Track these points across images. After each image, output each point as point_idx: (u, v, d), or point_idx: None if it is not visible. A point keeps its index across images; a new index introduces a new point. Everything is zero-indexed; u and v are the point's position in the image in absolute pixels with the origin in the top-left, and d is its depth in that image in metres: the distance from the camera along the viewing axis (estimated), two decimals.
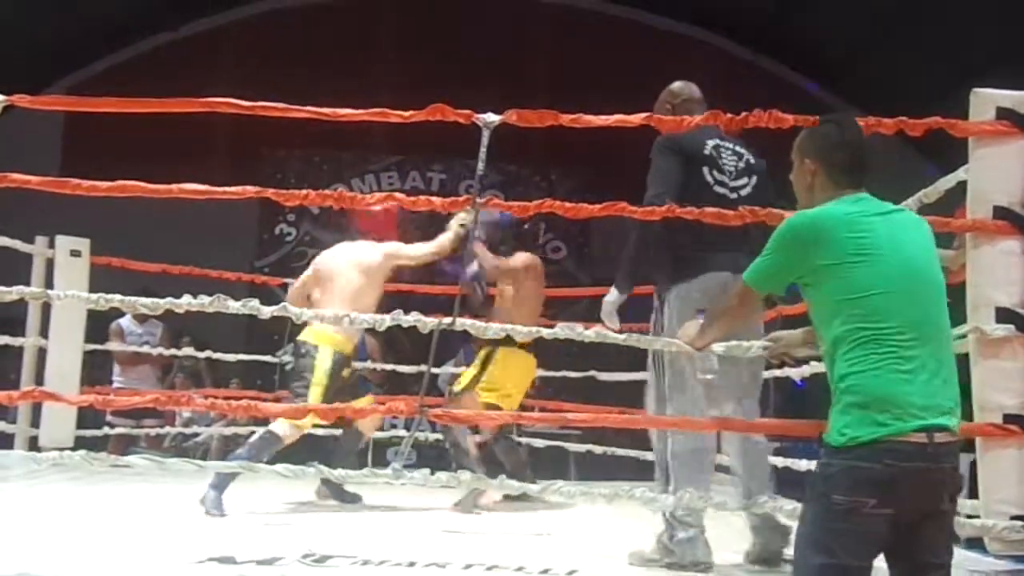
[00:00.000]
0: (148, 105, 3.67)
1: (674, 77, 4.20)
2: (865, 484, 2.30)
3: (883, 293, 2.41)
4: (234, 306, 3.32)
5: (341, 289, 5.17)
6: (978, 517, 3.33)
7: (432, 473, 3.46)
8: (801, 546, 2.41)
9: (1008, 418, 3.27)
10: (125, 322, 7.70)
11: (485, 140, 3.40)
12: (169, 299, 3.31)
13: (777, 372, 5.46)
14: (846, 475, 2.34)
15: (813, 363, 3.87)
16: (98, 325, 6.93)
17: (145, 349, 7.45)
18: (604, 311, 4.12)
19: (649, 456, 6.34)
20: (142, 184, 3.46)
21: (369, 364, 7.78)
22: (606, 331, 3.66)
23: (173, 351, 7.48)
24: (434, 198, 3.51)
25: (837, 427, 2.40)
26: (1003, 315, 3.29)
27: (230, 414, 7.25)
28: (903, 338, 2.38)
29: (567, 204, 3.47)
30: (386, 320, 3.38)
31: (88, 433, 7.05)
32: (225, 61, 11.01)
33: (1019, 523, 3.23)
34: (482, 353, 5.62)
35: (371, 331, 6.97)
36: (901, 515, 2.32)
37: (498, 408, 5.37)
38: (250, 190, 3.51)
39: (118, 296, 3.38)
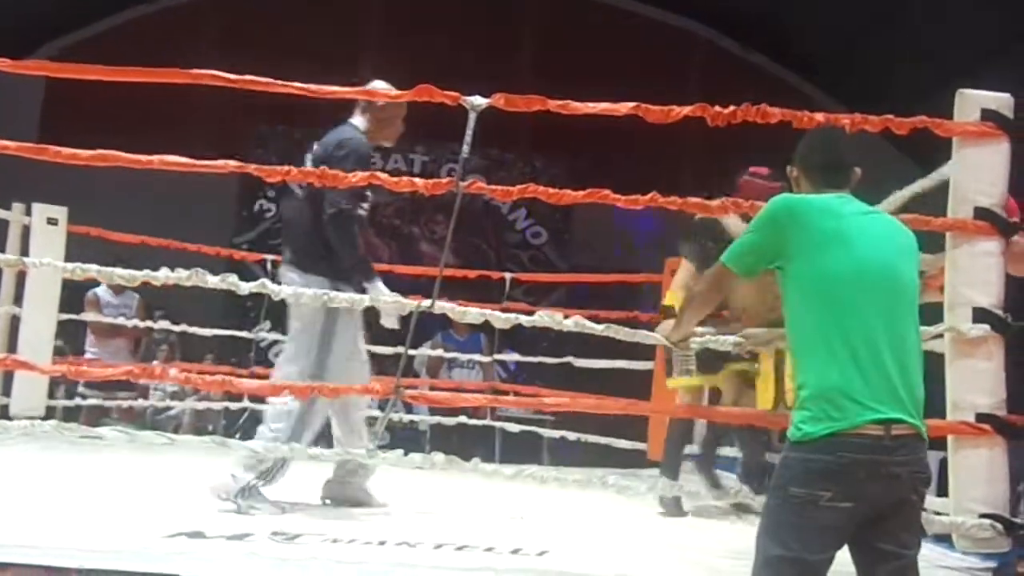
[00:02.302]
0: (132, 74, 3.64)
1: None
2: (820, 477, 2.33)
3: (850, 284, 2.43)
4: (212, 281, 3.31)
5: None
6: (947, 514, 3.36)
7: (405, 454, 3.47)
8: (760, 537, 2.43)
9: (980, 417, 3.30)
10: (101, 291, 7.61)
11: (471, 123, 3.39)
12: (147, 271, 3.29)
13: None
14: (802, 468, 2.37)
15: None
16: (73, 295, 6.88)
17: (120, 321, 7.38)
18: None
19: (621, 444, 6.42)
20: (122, 154, 3.43)
21: None
22: (585, 320, 3.66)
23: (148, 323, 7.43)
24: (416, 179, 3.50)
25: (795, 422, 2.43)
26: (980, 315, 3.32)
27: (204, 389, 7.19)
28: (864, 334, 2.40)
29: (550, 190, 3.46)
30: (364, 300, 3.37)
31: (60, 403, 7.05)
32: (209, 34, 10.92)
33: (987, 521, 3.26)
34: None
35: None
36: (860, 507, 2.33)
37: None
38: (231, 164, 3.49)
39: (95, 266, 3.36)
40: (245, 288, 3.32)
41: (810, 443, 2.36)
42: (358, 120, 4.25)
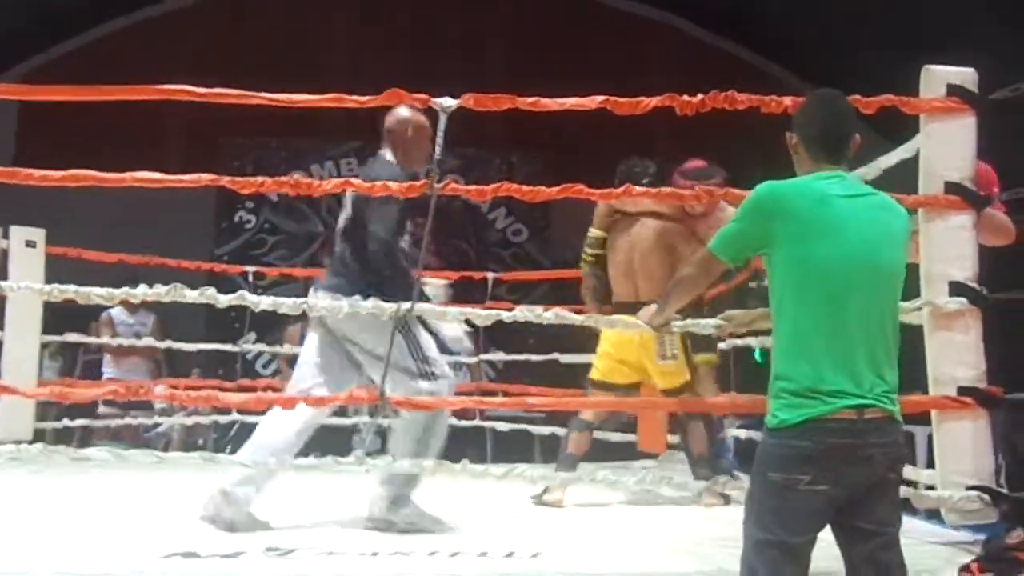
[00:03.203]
0: (103, 92, 3.63)
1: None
2: (797, 461, 2.36)
3: (830, 273, 2.43)
4: (191, 295, 3.31)
5: None
6: (935, 488, 3.39)
7: (395, 460, 3.47)
8: (745, 523, 2.47)
9: (962, 391, 3.33)
10: (116, 312, 7.64)
11: (442, 125, 3.40)
12: (125, 289, 3.29)
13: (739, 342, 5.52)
14: (779, 453, 2.41)
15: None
16: (84, 315, 6.86)
17: (129, 341, 7.40)
18: None
19: (614, 438, 6.43)
20: (95, 173, 3.43)
21: None
22: (565, 312, 3.67)
23: (149, 341, 7.42)
24: (391, 183, 3.50)
25: (771, 409, 2.46)
26: (956, 289, 3.34)
27: (190, 405, 7.15)
28: (841, 322, 2.41)
29: (524, 188, 3.48)
30: (344, 307, 3.37)
31: (49, 425, 7.01)
32: (181, 47, 10.86)
33: (974, 494, 3.29)
34: None
35: None
36: (838, 490, 2.37)
37: None
38: (205, 178, 3.48)
39: (72, 287, 3.35)
40: (224, 301, 3.32)
41: (786, 430, 2.39)
42: (387, 152, 4.23)
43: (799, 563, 2.39)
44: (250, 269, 7.77)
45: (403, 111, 4.10)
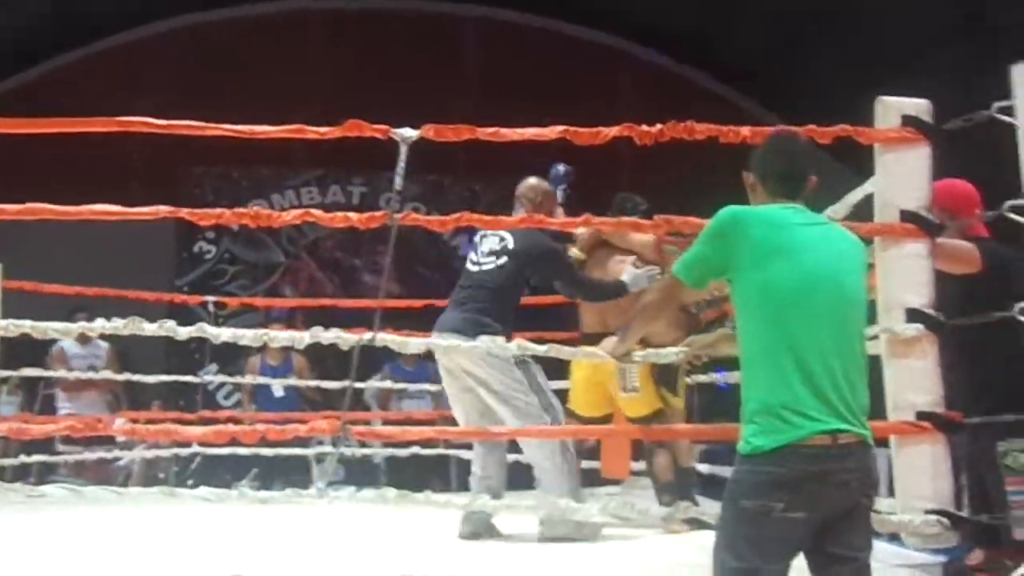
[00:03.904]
0: (60, 125, 3.59)
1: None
2: (771, 488, 2.34)
3: (795, 296, 2.44)
4: (149, 328, 3.27)
5: None
6: (896, 513, 3.41)
7: (358, 490, 3.45)
8: (717, 551, 2.44)
9: (921, 415, 3.35)
10: (67, 344, 7.52)
11: (403, 155, 3.41)
12: (81, 323, 3.25)
13: (702, 376, 5.56)
14: (753, 481, 2.39)
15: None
16: (44, 348, 6.77)
17: (89, 374, 7.29)
18: None
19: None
20: (52, 207, 3.39)
21: (294, 381, 7.72)
22: (526, 343, 3.69)
23: (106, 373, 7.32)
24: (351, 214, 3.49)
25: (744, 436, 2.44)
26: (913, 316, 3.38)
27: (150, 439, 7.05)
28: (810, 346, 2.42)
29: (486, 217, 3.48)
30: (305, 338, 3.36)
31: (8, 462, 6.90)
32: (144, 76, 10.80)
33: (934, 517, 3.31)
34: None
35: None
36: (813, 516, 2.36)
37: None
38: (163, 210, 3.45)
39: (28, 322, 3.30)
40: (183, 333, 3.29)
41: (760, 456, 2.38)
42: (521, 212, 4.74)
43: None
44: (210, 299, 7.71)
45: (533, 179, 4.88)
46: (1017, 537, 3.29)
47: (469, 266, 4.87)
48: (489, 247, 4.76)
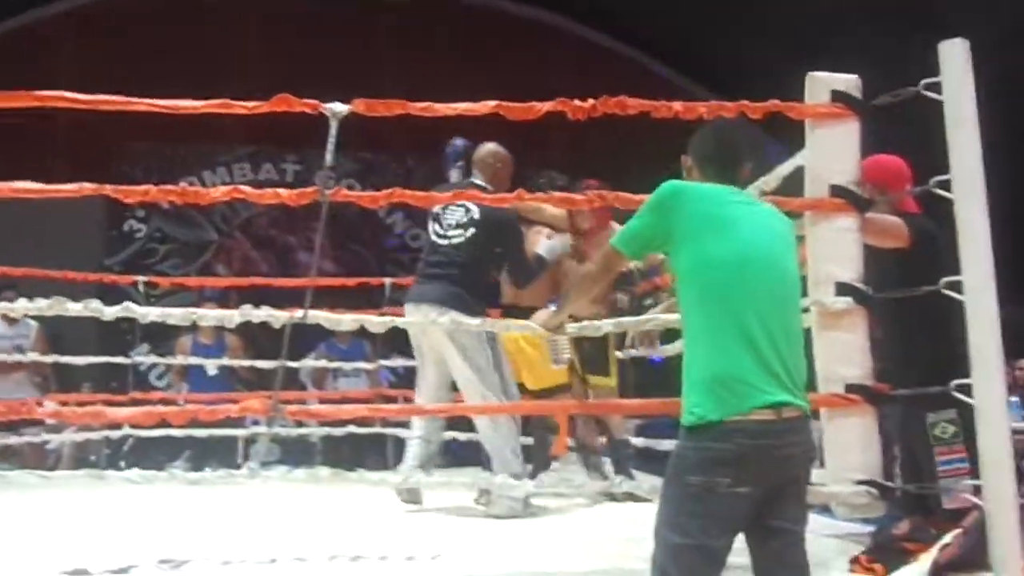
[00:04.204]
0: None
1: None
2: (717, 464, 2.35)
3: (734, 269, 2.47)
4: (74, 308, 3.20)
5: None
6: (826, 484, 3.45)
7: (291, 470, 3.42)
8: (660, 527, 2.43)
9: (850, 388, 3.39)
10: None
11: (333, 130, 3.36)
12: (3, 304, 3.17)
13: (634, 351, 5.59)
14: (698, 456, 2.38)
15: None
16: None
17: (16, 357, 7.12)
18: None
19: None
20: None
21: (227, 361, 7.63)
22: (461, 317, 3.67)
23: (33, 356, 7.16)
24: (281, 190, 3.43)
25: (687, 406, 2.44)
26: (842, 289, 3.41)
27: (78, 422, 6.90)
28: (751, 318, 2.44)
29: (418, 194, 3.44)
30: (236, 316, 3.30)
31: None
32: (72, 50, 10.55)
33: (863, 488, 3.36)
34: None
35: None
36: (757, 491, 2.37)
37: None
38: (88, 187, 3.36)
39: None
40: (109, 314, 3.21)
41: (704, 429, 2.38)
42: (478, 179, 4.96)
43: (717, 566, 2.37)
44: (141, 279, 7.59)
45: (492, 145, 5.00)
46: (946, 506, 3.35)
47: (436, 239, 4.90)
48: (455, 219, 4.82)
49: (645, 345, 5.15)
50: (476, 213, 4.75)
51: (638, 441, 5.88)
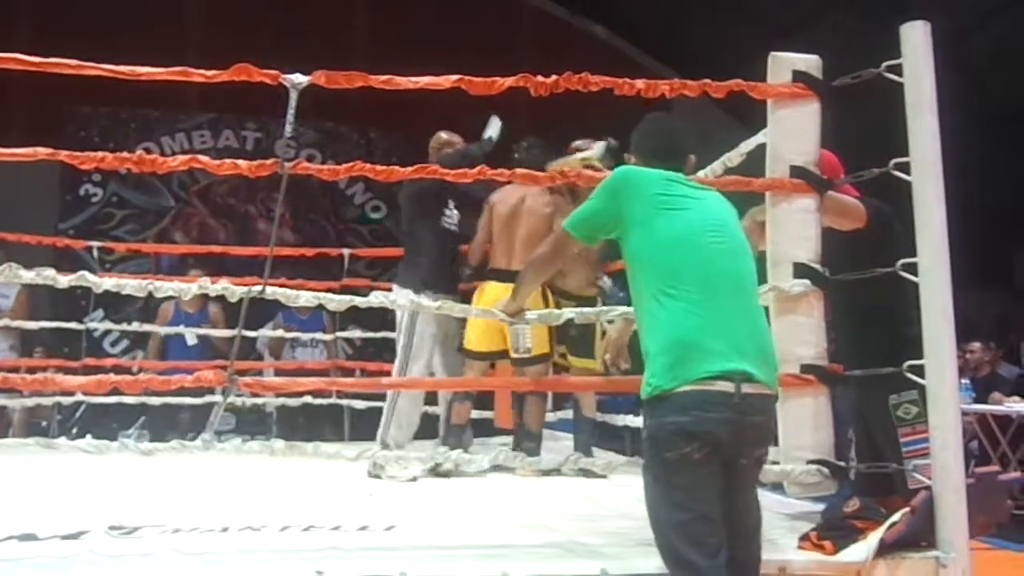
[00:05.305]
0: None
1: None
2: (682, 435, 2.40)
3: (686, 246, 2.51)
4: (27, 276, 3.14)
5: None
6: (778, 463, 3.49)
7: (245, 441, 3.40)
8: (655, 509, 2.47)
9: (805, 368, 3.42)
10: None
11: (293, 101, 3.32)
12: None
13: None
14: (664, 434, 2.44)
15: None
16: None
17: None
18: None
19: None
20: None
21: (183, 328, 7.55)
22: (421, 299, 3.67)
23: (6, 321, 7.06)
24: (240, 162, 3.39)
25: (645, 378, 2.48)
26: (800, 271, 3.43)
27: (27, 389, 6.77)
28: (704, 289, 2.47)
29: (378, 167, 3.41)
30: (192, 289, 3.27)
31: None
32: (28, 12, 10.33)
33: (814, 467, 3.40)
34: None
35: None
36: (722, 454, 2.43)
37: None
38: (42, 151, 3.30)
39: None
40: (64, 282, 3.16)
41: (664, 399, 2.42)
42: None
43: (720, 531, 2.42)
44: (96, 244, 7.48)
45: (444, 134, 5.51)
46: (911, 487, 3.39)
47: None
48: None
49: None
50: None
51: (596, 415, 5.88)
